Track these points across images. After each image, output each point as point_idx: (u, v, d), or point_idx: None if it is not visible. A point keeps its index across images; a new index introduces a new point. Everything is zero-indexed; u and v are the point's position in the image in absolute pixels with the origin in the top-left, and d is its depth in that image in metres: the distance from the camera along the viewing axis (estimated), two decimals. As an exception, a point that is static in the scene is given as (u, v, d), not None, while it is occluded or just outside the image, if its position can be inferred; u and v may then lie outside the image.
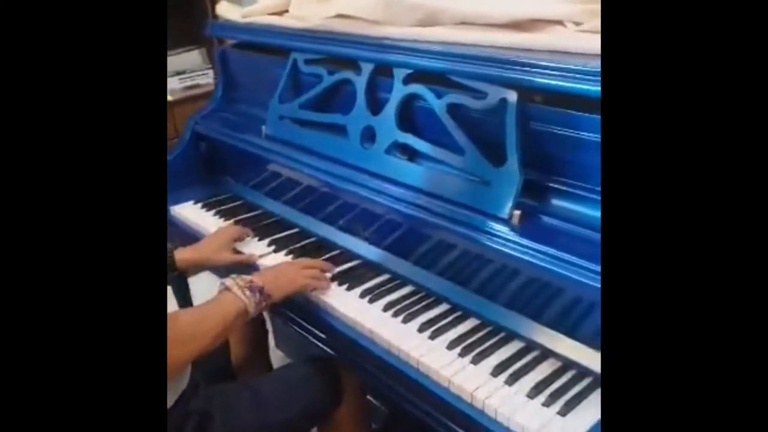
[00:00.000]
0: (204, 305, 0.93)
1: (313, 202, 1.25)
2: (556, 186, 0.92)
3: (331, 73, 1.22)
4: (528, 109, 0.91)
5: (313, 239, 1.23)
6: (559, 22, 0.94)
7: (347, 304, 1.01)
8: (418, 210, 1.01)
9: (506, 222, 0.91)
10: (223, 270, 1.20)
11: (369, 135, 1.13)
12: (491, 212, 0.92)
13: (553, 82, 0.86)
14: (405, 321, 0.96)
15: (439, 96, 1.01)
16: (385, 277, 1.09)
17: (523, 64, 0.90)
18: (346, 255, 1.16)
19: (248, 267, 1.16)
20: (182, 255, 1.14)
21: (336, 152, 1.18)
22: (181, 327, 0.84)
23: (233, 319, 0.92)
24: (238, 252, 1.20)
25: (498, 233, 0.90)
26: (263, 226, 1.30)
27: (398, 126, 1.08)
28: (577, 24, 0.93)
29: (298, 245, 1.21)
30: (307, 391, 1.03)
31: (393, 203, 1.05)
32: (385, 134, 1.10)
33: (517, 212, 0.90)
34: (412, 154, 1.08)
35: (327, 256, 1.16)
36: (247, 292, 0.93)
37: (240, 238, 1.22)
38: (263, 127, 1.33)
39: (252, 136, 1.35)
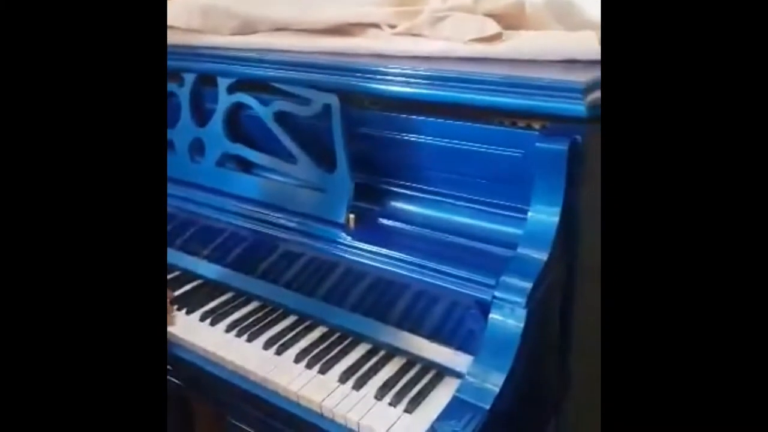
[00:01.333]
0: None
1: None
2: (387, 188, 0.94)
3: (152, 85, 1.14)
4: (353, 114, 0.92)
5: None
6: (375, 25, 0.96)
7: (188, 330, 0.96)
8: (256, 223, 0.98)
9: (342, 227, 0.90)
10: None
11: (198, 147, 1.08)
12: (328, 218, 0.92)
13: (375, 86, 0.87)
14: (249, 339, 0.93)
15: (265, 104, 0.99)
16: (228, 295, 1.04)
17: (345, 69, 0.90)
18: (186, 276, 1.10)
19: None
20: None
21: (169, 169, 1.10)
22: None
23: None
24: None
25: (336, 239, 0.90)
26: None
27: (227, 136, 1.04)
28: (392, 26, 0.95)
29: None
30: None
31: (230, 218, 1.01)
32: (214, 146, 1.05)
33: (352, 216, 0.90)
34: (245, 165, 1.04)
35: (168, 277, 1.09)
36: None
37: None
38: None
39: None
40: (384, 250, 0.86)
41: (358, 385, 0.83)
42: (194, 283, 1.08)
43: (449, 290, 0.81)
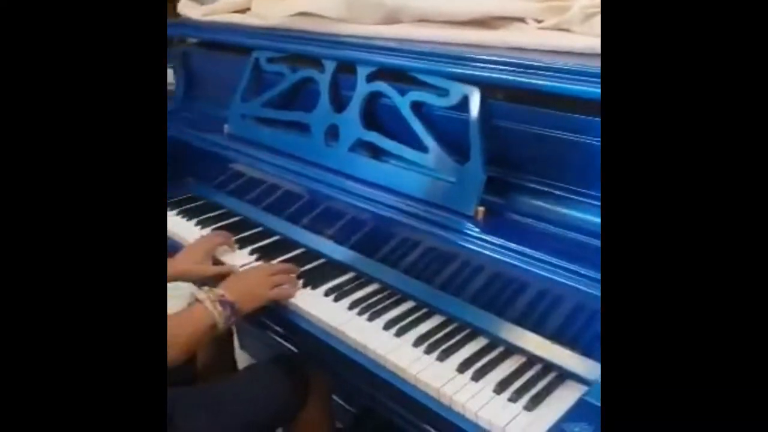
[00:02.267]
0: (175, 317, 0.90)
1: (277, 200, 1.23)
2: (520, 182, 0.93)
3: (294, 71, 1.20)
4: (491, 106, 0.92)
5: (276, 238, 1.22)
6: (521, 20, 0.95)
7: (312, 304, 1.00)
8: (383, 208, 1.01)
9: (470, 219, 0.91)
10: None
11: (333, 133, 1.12)
12: (456, 209, 0.92)
13: (515, 79, 0.87)
14: (370, 319, 0.96)
15: (402, 93, 1.01)
16: (349, 275, 1.08)
17: (485, 61, 0.90)
18: (310, 254, 1.15)
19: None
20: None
21: (299, 150, 1.16)
22: None
23: (203, 334, 0.91)
24: (218, 262, 1.16)
25: (462, 230, 0.90)
26: (226, 226, 1.27)
27: (362, 124, 1.07)
28: (538, 21, 0.93)
29: (260, 244, 1.19)
30: (273, 392, 1.02)
31: (358, 201, 1.04)
32: (349, 132, 1.09)
33: (481, 209, 0.90)
34: (376, 152, 1.07)
35: (291, 255, 1.15)
36: (219, 307, 0.92)
37: (218, 247, 1.17)
38: (225, 126, 1.31)
39: (214, 136, 1.32)
40: (512, 245, 0.85)
41: (477, 377, 0.83)
42: (318, 261, 1.12)
43: (577, 290, 0.79)
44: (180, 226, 1.29)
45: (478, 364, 0.85)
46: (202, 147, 1.34)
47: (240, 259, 1.16)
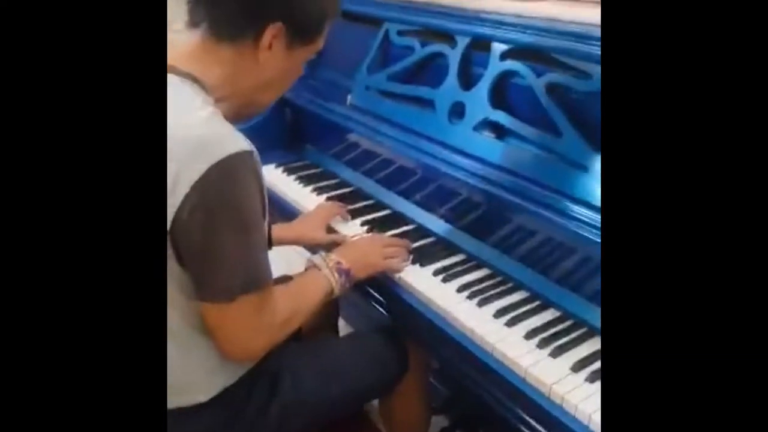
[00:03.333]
0: (296, 285, 0.93)
1: (392, 174, 1.23)
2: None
3: (424, 45, 1.18)
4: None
5: (388, 212, 1.22)
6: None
7: (420, 282, 0.99)
8: (502, 190, 0.97)
9: (598, 210, 0.85)
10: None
11: (458, 111, 1.09)
12: (586, 199, 0.87)
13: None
14: (480, 305, 0.93)
15: (538, 74, 0.96)
16: (459, 257, 1.06)
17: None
18: (421, 231, 1.14)
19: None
20: (278, 233, 1.11)
21: (421, 126, 1.15)
22: (280, 311, 0.84)
23: (320, 300, 0.92)
24: (331, 231, 1.19)
25: (590, 221, 0.85)
26: (338, 196, 1.29)
27: (491, 103, 1.04)
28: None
29: (371, 216, 1.20)
30: (376, 361, 1.02)
31: (476, 181, 1.01)
32: (475, 110, 1.06)
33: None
34: (502, 133, 1.04)
35: (402, 230, 1.14)
36: (335, 274, 0.93)
37: (334, 216, 1.20)
38: (348, 97, 1.32)
39: (336, 105, 1.34)
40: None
41: (592, 379, 0.78)
42: (428, 240, 1.11)
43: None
44: (297, 192, 1.32)
45: (594, 366, 0.80)
46: (323, 115, 1.36)
47: (352, 229, 1.17)
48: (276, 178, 1.40)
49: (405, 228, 1.15)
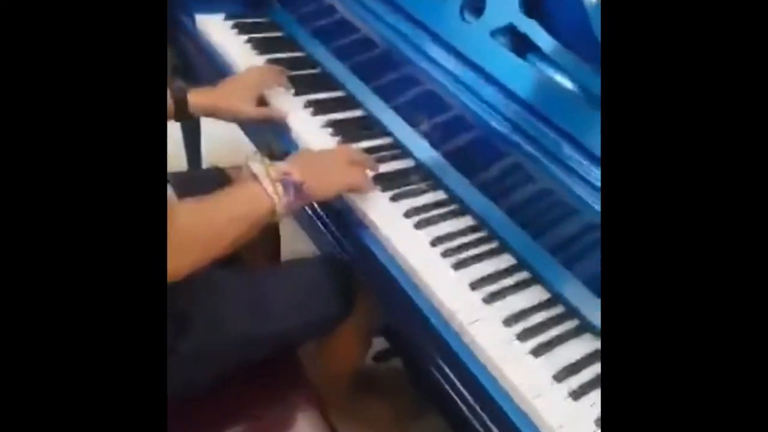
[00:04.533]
0: (218, 198, 0.70)
1: (371, 62, 0.97)
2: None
3: None
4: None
5: (358, 113, 0.98)
6: None
7: (387, 221, 0.79)
8: (508, 125, 0.76)
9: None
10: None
11: (475, 5, 0.83)
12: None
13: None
14: (456, 267, 0.75)
15: (596, -20, 0.71)
16: (439, 195, 0.85)
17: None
18: (397, 149, 0.91)
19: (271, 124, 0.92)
20: (197, 98, 0.89)
21: (421, 11, 0.88)
22: (180, 229, 0.61)
23: (257, 219, 0.70)
24: (264, 104, 0.95)
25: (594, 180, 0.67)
26: (301, 77, 1.03)
27: (522, 6, 0.78)
28: None
29: (339, 116, 0.96)
30: (318, 296, 0.85)
31: (477, 105, 0.79)
32: (499, 10, 0.80)
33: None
34: (524, 49, 0.79)
35: (372, 143, 0.92)
36: (280, 188, 0.70)
37: (270, 85, 0.96)
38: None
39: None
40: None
41: (578, 395, 0.64)
42: (404, 164, 0.90)
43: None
44: (245, 60, 1.04)
45: (584, 375, 0.66)
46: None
47: (292, 105, 0.95)
48: (223, 34, 1.10)
49: (377, 141, 0.93)
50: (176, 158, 1.27)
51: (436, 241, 0.77)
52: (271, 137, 0.96)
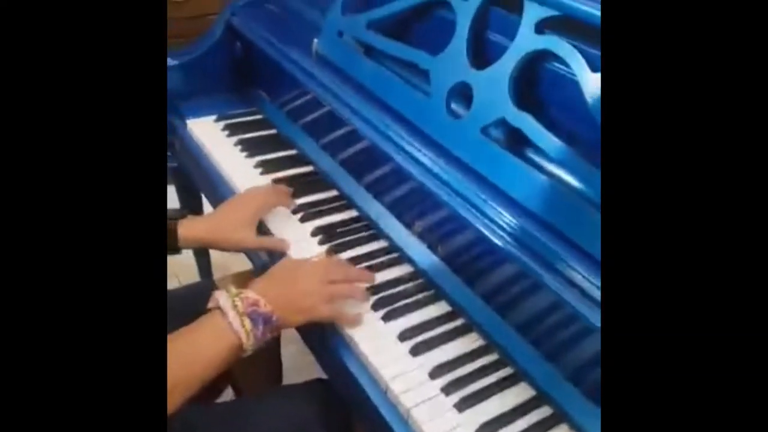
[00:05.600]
0: (183, 335, 0.63)
1: (363, 160, 0.89)
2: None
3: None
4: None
5: (354, 215, 0.89)
6: None
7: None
8: (498, 232, 0.66)
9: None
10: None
11: (462, 95, 0.75)
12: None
13: None
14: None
15: (593, 65, 0.62)
16: (442, 308, 0.75)
17: None
18: (394, 251, 0.82)
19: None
20: (189, 230, 0.80)
21: (406, 107, 0.80)
22: None
23: (221, 360, 0.63)
24: (263, 229, 0.86)
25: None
26: (295, 177, 0.96)
27: (513, 96, 0.69)
28: None
29: (327, 221, 0.88)
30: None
31: (468, 212, 0.69)
32: (488, 103, 0.71)
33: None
34: (520, 145, 0.70)
35: (366, 249, 0.83)
36: (248, 323, 0.63)
37: (272, 208, 0.87)
38: (315, 42, 0.96)
39: (299, 52, 0.97)
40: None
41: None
42: (403, 271, 0.80)
43: None
44: (228, 159, 0.99)
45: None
46: (279, 62, 1.00)
47: (296, 231, 0.85)
48: (212, 136, 1.05)
49: (374, 245, 0.84)
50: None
51: (449, 387, 0.66)
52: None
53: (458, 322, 0.73)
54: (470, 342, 0.70)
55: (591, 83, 0.62)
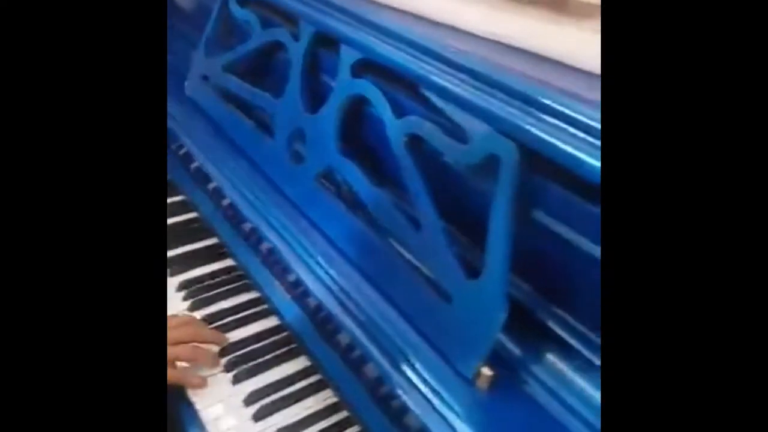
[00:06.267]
0: None
1: (230, 213, 0.85)
2: (558, 328, 0.51)
3: (265, 27, 0.78)
4: (533, 185, 0.49)
5: (230, 267, 0.86)
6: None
7: (217, 408, 0.66)
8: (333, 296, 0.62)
9: (467, 384, 0.51)
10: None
11: (300, 139, 0.72)
12: (446, 357, 0.53)
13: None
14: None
15: (400, 112, 0.59)
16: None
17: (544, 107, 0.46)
18: (261, 303, 0.79)
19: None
20: None
21: (258, 156, 0.77)
22: None
23: None
24: None
25: (449, 401, 0.51)
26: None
27: (339, 143, 0.66)
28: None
29: (213, 285, 0.83)
30: None
31: (313, 272, 0.66)
32: (320, 150, 0.68)
33: (487, 372, 0.50)
34: (347, 193, 0.67)
35: (234, 303, 0.80)
36: None
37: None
38: (186, 84, 0.93)
39: (175, 94, 0.94)
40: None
41: None
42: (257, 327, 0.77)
43: None
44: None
45: None
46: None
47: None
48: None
49: (243, 297, 0.80)
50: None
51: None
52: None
53: (312, 379, 0.69)
54: (321, 400, 0.67)
55: (396, 133, 0.58)
